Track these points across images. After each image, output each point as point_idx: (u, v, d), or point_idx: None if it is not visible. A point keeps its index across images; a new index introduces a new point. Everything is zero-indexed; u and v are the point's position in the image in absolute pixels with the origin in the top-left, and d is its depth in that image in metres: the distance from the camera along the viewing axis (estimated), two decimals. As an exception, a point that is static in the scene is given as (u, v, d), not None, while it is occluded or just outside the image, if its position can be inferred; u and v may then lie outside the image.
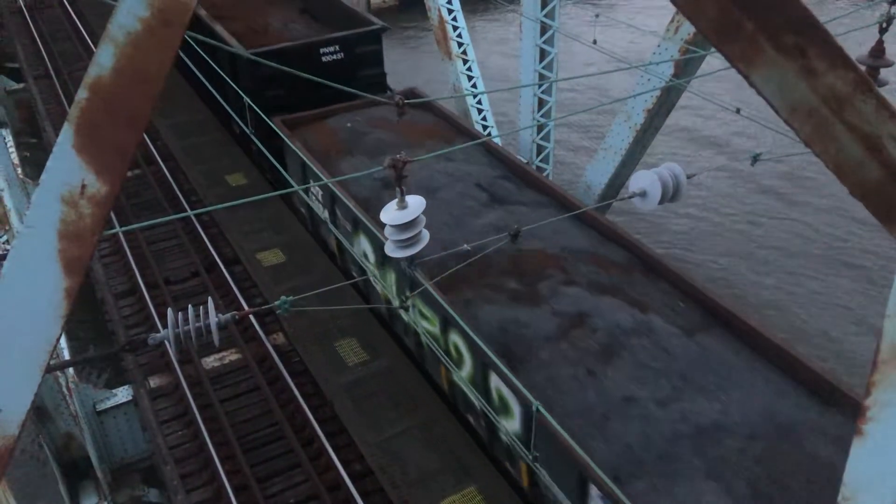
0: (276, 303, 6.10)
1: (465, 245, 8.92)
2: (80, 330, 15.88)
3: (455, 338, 9.38)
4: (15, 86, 24.44)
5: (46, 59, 24.37)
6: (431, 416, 10.64)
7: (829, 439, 7.69)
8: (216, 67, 11.24)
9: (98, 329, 15.04)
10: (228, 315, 5.74)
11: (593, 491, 7.34)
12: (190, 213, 10.22)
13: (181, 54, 2.38)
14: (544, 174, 15.04)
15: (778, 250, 20.04)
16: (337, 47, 15.20)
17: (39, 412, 10.79)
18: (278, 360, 12.03)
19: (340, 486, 9.98)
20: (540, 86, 14.38)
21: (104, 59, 2.71)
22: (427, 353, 10.45)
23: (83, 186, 2.83)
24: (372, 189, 11.89)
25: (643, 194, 8.43)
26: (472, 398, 9.14)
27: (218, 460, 10.47)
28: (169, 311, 5.52)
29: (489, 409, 8.78)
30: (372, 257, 11.29)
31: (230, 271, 14.20)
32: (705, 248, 20.21)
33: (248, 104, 7.67)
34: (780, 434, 7.80)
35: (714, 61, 9.18)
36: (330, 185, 11.27)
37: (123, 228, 7.31)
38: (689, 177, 8.68)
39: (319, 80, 5.41)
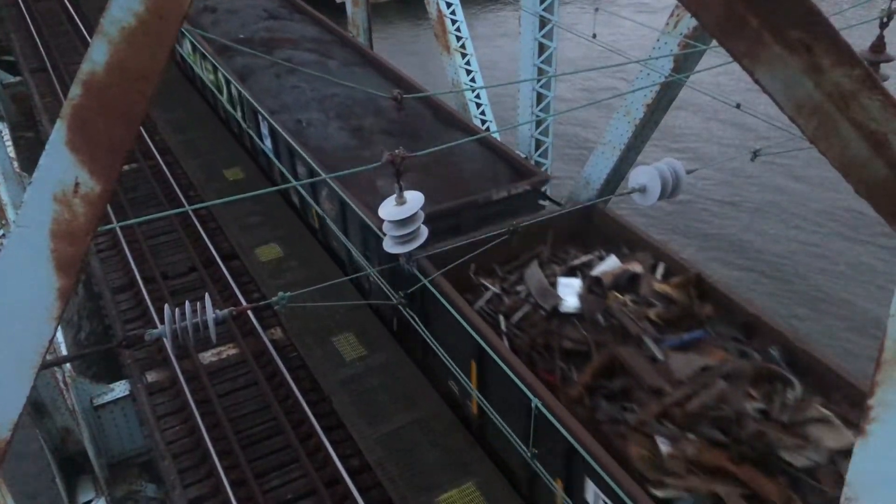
0: (274, 299, 6.06)
1: (241, 35, 18.02)
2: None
3: (221, 74, 16.96)
4: (11, 79, 24.31)
5: (43, 53, 24.25)
6: (430, 411, 10.62)
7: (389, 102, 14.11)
8: None
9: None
10: (226, 311, 5.70)
11: (260, 119, 14.91)
12: (188, 208, 10.11)
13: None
14: (543, 169, 15.00)
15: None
16: None
17: (37, 407, 10.75)
18: (276, 355, 12.00)
19: (338, 482, 9.97)
20: (539, 80, 14.31)
21: (97, 55, 2.66)
22: (220, 105, 18.21)
23: (76, 185, 2.78)
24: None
25: (643, 190, 8.40)
26: (232, 111, 17.26)
27: (215, 455, 10.44)
28: (166, 307, 5.48)
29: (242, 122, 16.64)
30: (211, 77, 18.35)
31: (228, 266, 14.15)
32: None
33: None
34: (365, 103, 14.72)
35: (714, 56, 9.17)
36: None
37: (121, 224, 7.24)
38: (688, 172, 8.65)
39: None
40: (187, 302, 5.40)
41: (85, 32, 25.36)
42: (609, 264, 9.86)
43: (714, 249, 20.09)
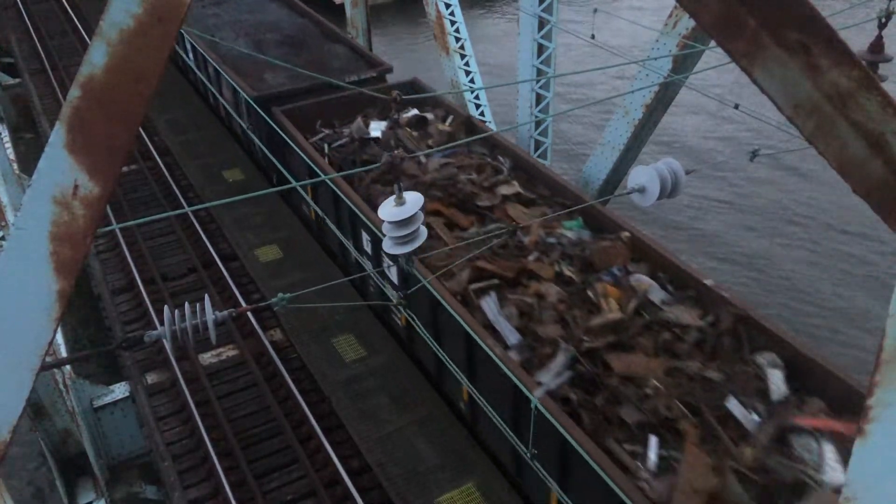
0: (274, 299, 6.05)
1: None
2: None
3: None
4: (11, 81, 24.32)
5: (42, 55, 24.26)
6: (429, 412, 10.63)
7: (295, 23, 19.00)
8: None
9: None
10: (226, 312, 5.69)
11: (185, 40, 18.70)
12: (187, 209, 10.19)
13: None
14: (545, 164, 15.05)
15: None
16: None
17: (36, 409, 10.74)
18: (276, 357, 12.00)
19: (338, 483, 9.97)
20: (538, 81, 14.32)
21: (97, 58, 2.66)
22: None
23: (76, 187, 2.78)
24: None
25: (642, 190, 8.39)
26: (202, 78, 19.46)
27: (215, 457, 10.44)
28: (165, 308, 5.46)
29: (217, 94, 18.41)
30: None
31: (227, 267, 14.16)
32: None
33: None
34: (267, 24, 18.73)
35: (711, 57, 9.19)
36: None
37: (120, 225, 7.25)
38: (687, 172, 8.65)
39: None
40: (187, 303, 5.39)
41: (84, 34, 25.37)
42: (410, 113, 14.24)
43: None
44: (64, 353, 12.28)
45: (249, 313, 12.63)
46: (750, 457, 6.96)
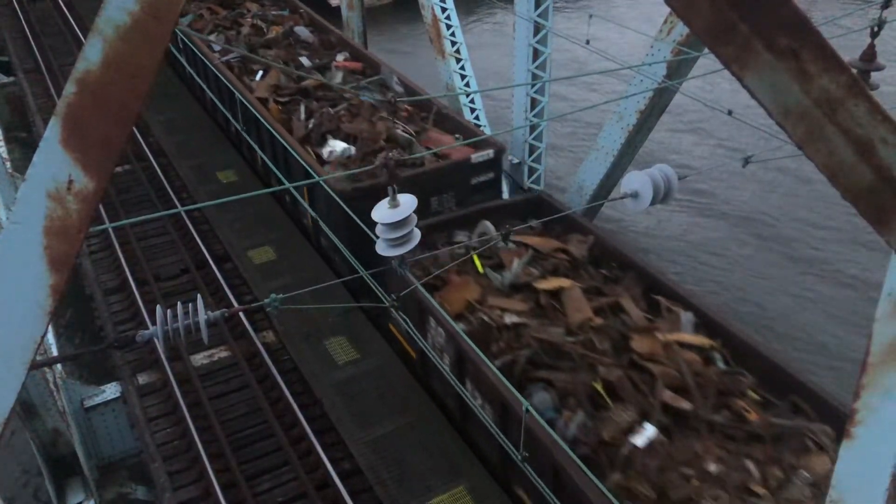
0: (266, 300, 6.06)
1: None
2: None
3: None
4: (5, 79, 24.26)
5: (37, 53, 24.21)
6: (421, 415, 10.62)
7: None
8: None
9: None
10: (218, 312, 5.68)
11: None
12: (181, 209, 10.24)
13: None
14: (536, 174, 15.08)
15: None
16: None
17: (26, 408, 10.69)
18: (268, 358, 11.98)
19: (329, 485, 9.95)
20: (533, 86, 14.37)
21: (92, 54, 2.68)
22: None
23: (70, 182, 2.80)
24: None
25: (635, 195, 8.43)
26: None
27: (206, 458, 10.41)
28: (158, 308, 5.46)
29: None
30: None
31: (220, 268, 14.13)
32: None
33: None
34: None
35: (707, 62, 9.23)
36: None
37: (113, 224, 7.25)
38: (680, 178, 8.70)
39: None
40: (179, 303, 5.38)
41: (79, 33, 25.33)
42: None
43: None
44: (55, 353, 12.25)
45: (242, 314, 12.62)
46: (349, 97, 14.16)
